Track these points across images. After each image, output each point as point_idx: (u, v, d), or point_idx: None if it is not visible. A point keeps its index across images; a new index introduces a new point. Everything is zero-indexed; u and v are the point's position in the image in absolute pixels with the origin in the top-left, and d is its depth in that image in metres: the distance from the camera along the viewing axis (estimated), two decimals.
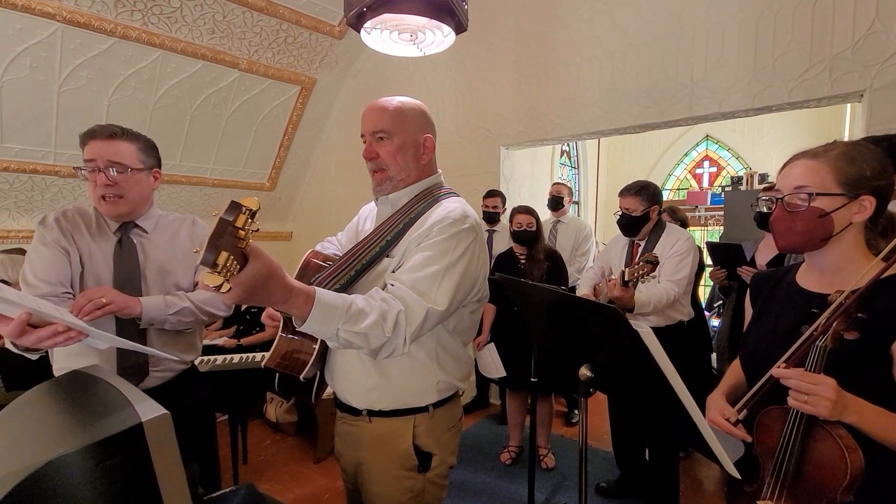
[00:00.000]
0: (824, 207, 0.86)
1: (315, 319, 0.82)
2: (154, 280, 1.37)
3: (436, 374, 1.08)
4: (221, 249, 0.61)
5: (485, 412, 3.51)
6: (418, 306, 0.92)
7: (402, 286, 0.94)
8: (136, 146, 1.33)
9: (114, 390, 0.73)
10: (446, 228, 0.99)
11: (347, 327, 0.85)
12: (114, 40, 2.90)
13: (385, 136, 1.05)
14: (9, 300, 0.91)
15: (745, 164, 5.87)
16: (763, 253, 2.16)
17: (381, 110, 1.06)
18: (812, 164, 0.89)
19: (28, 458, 0.57)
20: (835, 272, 0.91)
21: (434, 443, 1.08)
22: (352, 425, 1.12)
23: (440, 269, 0.96)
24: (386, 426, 1.07)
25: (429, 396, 1.08)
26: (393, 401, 1.06)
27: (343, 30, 3.73)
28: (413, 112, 1.08)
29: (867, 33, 2.17)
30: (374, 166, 1.08)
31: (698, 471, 2.67)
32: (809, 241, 0.90)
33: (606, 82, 2.96)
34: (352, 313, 0.85)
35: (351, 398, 1.10)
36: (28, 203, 3.25)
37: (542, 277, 2.52)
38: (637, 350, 0.79)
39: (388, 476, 1.07)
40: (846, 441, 0.78)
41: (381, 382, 1.06)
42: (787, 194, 0.91)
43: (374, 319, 0.87)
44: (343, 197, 4.45)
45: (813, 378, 0.79)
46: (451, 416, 1.14)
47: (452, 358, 1.11)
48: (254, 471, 2.70)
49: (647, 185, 2.14)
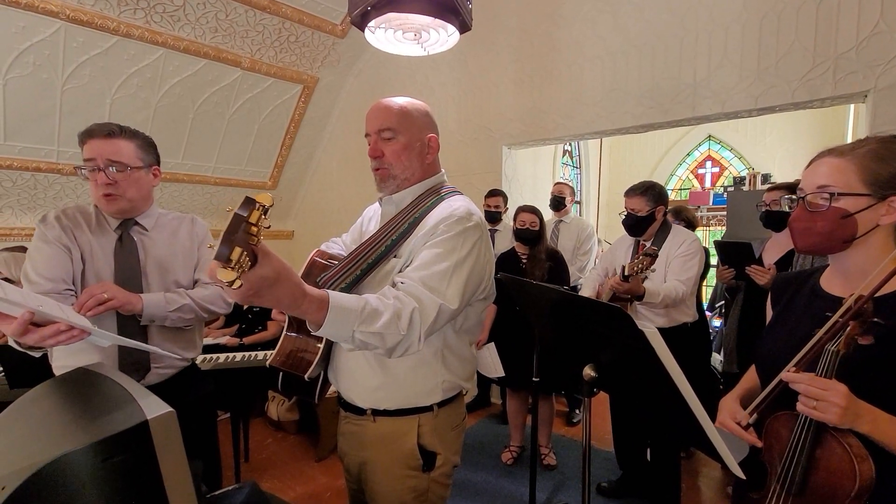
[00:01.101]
0: (847, 208, 0.82)
1: (331, 324, 0.82)
2: (154, 277, 1.37)
3: (441, 374, 1.08)
4: (235, 245, 0.61)
5: (486, 412, 3.51)
6: (431, 303, 0.92)
7: (413, 283, 0.93)
8: (134, 144, 1.33)
9: (119, 387, 0.73)
10: (453, 226, 0.99)
11: (363, 328, 0.84)
12: (116, 39, 2.91)
13: (391, 136, 1.05)
14: (12, 301, 0.91)
15: (747, 164, 5.86)
16: (770, 252, 2.13)
17: (386, 109, 1.06)
18: (838, 163, 0.84)
19: (34, 455, 0.58)
20: (859, 276, 0.85)
21: (438, 442, 1.09)
22: (356, 424, 1.12)
23: (449, 266, 0.96)
24: (390, 426, 1.07)
25: (433, 396, 1.08)
26: (398, 400, 1.07)
27: (345, 29, 3.73)
28: (418, 112, 1.09)
29: (871, 33, 2.16)
30: (378, 164, 1.08)
31: (700, 471, 2.66)
32: (829, 243, 0.85)
33: (609, 82, 2.96)
34: (366, 314, 0.85)
35: (356, 398, 1.10)
36: (31, 201, 3.26)
37: (544, 277, 2.51)
38: (642, 350, 0.79)
39: (392, 475, 1.07)
40: (856, 450, 0.76)
41: (386, 382, 1.06)
42: (809, 193, 0.86)
43: (389, 318, 0.86)
44: (345, 196, 4.46)
45: (823, 383, 0.76)
46: (456, 416, 1.15)
47: (457, 358, 1.11)
48: (255, 469, 2.70)
49: (653, 186, 2.13)
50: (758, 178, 5.29)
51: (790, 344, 0.90)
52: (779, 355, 0.91)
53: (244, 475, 2.51)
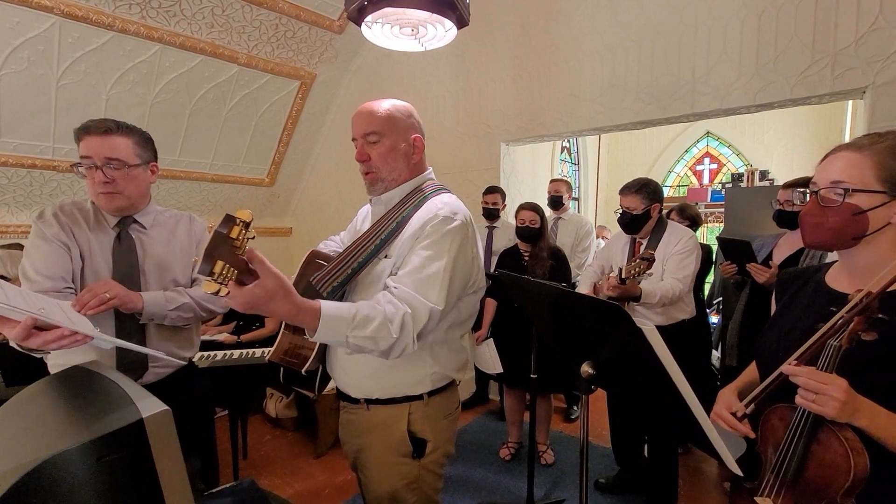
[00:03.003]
0: (860, 205, 0.81)
1: (324, 332, 0.89)
2: (152, 276, 1.37)
3: (430, 366, 1.12)
4: (217, 259, 0.68)
5: (484, 408, 3.52)
6: (423, 307, 0.97)
7: (403, 289, 0.99)
8: (132, 140, 1.32)
9: (114, 386, 0.73)
10: (438, 227, 1.03)
11: (356, 333, 0.91)
12: (112, 34, 2.88)
13: (376, 139, 1.09)
14: (14, 306, 0.91)
15: (745, 160, 5.86)
16: (782, 249, 2.10)
17: (370, 114, 1.10)
18: (854, 158, 0.83)
19: (29, 454, 0.57)
20: (867, 274, 0.84)
21: (429, 429, 1.12)
22: (352, 413, 1.18)
23: (438, 269, 1.01)
24: (383, 413, 1.12)
25: (423, 385, 1.12)
26: (387, 390, 1.11)
27: (343, 24, 3.71)
28: (402, 114, 1.12)
29: (870, 29, 2.16)
30: (366, 168, 1.12)
31: (697, 467, 2.68)
32: (839, 239, 0.84)
33: (607, 78, 2.95)
34: (358, 321, 0.91)
35: (350, 389, 1.16)
36: (27, 198, 3.24)
37: (546, 275, 2.51)
38: (641, 347, 0.79)
39: (383, 461, 1.12)
40: (852, 443, 0.76)
41: (375, 373, 1.11)
42: (822, 188, 0.85)
43: (380, 322, 0.92)
44: (343, 193, 4.44)
45: (823, 377, 0.76)
46: (448, 405, 1.18)
47: (448, 350, 1.15)
48: (254, 466, 2.71)
49: (648, 183, 2.12)
50: (756, 174, 5.30)
51: (791, 338, 0.90)
52: (781, 349, 0.91)
53: (242, 472, 2.52)
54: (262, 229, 4.81)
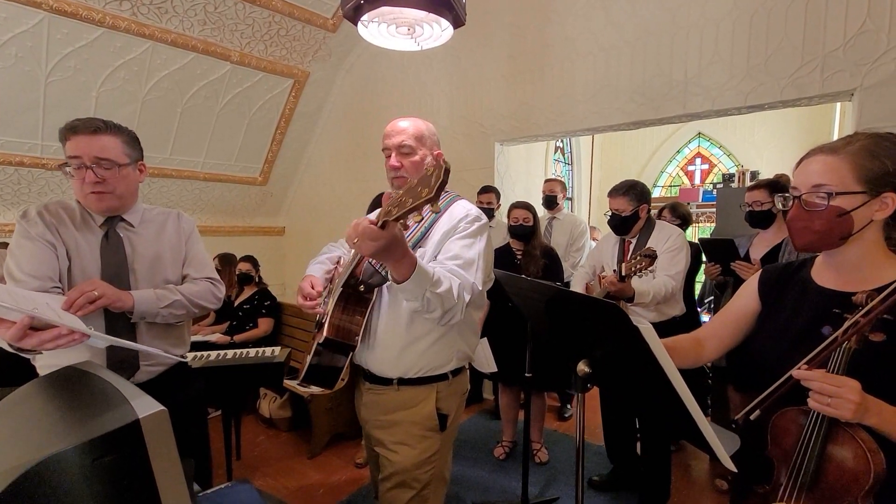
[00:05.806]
0: (844, 206, 0.82)
1: (414, 281, 1.04)
2: (143, 274, 1.35)
3: (457, 343, 1.30)
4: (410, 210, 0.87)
5: (478, 407, 3.52)
6: (467, 283, 1.16)
7: (452, 266, 1.16)
8: (120, 140, 1.30)
9: (109, 386, 0.72)
10: (472, 222, 1.24)
11: (433, 289, 1.07)
12: (102, 30, 2.85)
13: (409, 151, 1.30)
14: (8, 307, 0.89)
15: (736, 161, 5.92)
16: (757, 248, 2.17)
17: (405, 130, 1.31)
18: (831, 161, 0.84)
19: (23, 456, 0.56)
20: (853, 270, 0.88)
21: (451, 406, 1.32)
22: (379, 394, 1.31)
23: (475, 255, 1.21)
24: (412, 392, 1.27)
25: (449, 365, 1.30)
26: (423, 367, 1.27)
27: (337, 23, 3.70)
28: (430, 132, 1.36)
29: (858, 32, 2.19)
30: (396, 174, 1.31)
31: (689, 464, 2.70)
32: (828, 241, 0.86)
33: (601, 78, 2.96)
34: (435, 279, 1.08)
35: (387, 368, 1.28)
36: (14, 196, 3.19)
37: (539, 273, 2.52)
38: (636, 346, 0.79)
39: (411, 435, 1.27)
40: (869, 444, 0.77)
41: (413, 351, 1.26)
42: (804, 192, 0.87)
43: (448, 286, 1.10)
44: (336, 192, 4.42)
45: (837, 380, 0.76)
46: (463, 384, 1.40)
47: (469, 328, 1.34)
48: (247, 466, 2.69)
49: (635, 185, 2.15)
50: (746, 175, 5.35)
51: (788, 338, 0.90)
52: (775, 349, 0.91)
53: (236, 473, 2.50)
54: (255, 228, 4.78)
